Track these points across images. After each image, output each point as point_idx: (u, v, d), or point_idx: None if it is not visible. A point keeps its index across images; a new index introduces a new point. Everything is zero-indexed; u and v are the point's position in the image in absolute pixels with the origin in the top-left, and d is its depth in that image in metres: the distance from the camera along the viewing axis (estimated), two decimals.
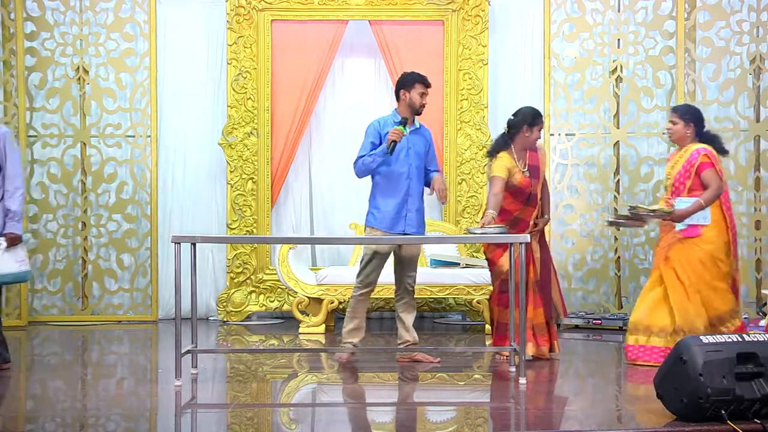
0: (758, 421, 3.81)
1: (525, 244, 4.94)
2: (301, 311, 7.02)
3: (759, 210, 7.33)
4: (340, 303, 6.98)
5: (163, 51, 7.75)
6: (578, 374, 5.49)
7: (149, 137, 7.63)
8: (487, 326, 6.61)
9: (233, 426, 4.12)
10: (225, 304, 7.55)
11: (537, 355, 5.50)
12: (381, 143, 5.41)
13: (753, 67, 7.34)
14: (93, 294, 7.68)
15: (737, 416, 3.81)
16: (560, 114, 7.53)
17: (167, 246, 7.43)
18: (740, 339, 3.92)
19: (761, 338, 3.96)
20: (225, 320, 7.53)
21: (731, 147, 7.34)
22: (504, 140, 5.60)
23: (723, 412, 3.77)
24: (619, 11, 7.53)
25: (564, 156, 7.56)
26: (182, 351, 4.89)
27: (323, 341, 6.61)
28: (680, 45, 7.34)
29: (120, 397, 4.73)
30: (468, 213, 7.55)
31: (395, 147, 5.34)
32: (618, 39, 7.52)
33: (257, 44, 7.57)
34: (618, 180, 7.55)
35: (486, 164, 5.89)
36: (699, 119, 5.45)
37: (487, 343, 6.30)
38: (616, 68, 7.49)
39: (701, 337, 3.94)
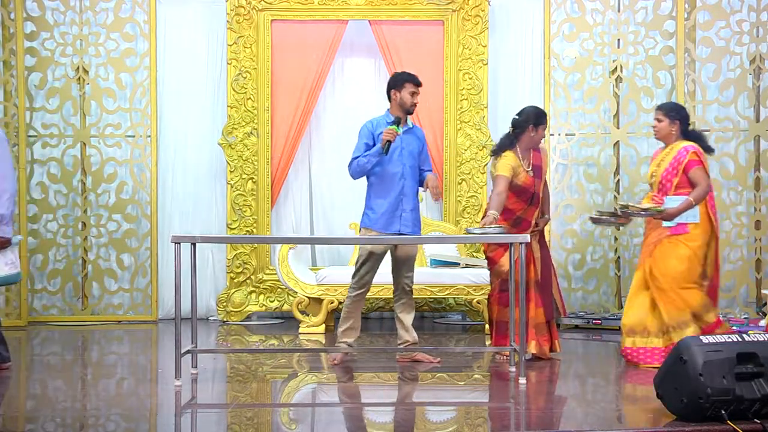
0: (758, 421, 3.81)
1: (525, 244, 4.95)
2: (301, 311, 7.03)
3: (759, 210, 7.32)
4: (340, 303, 6.95)
5: (163, 51, 7.75)
6: (578, 374, 5.48)
7: (149, 137, 7.63)
8: (487, 326, 6.60)
9: (233, 426, 4.12)
10: (225, 304, 7.55)
11: (538, 354, 5.50)
12: (375, 144, 5.41)
13: (753, 67, 7.34)
14: (93, 294, 7.69)
15: (737, 416, 3.81)
16: (560, 114, 7.52)
17: (167, 246, 7.42)
18: (740, 339, 3.92)
19: (761, 338, 3.96)
20: (225, 320, 7.53)
21: (731, 147, 7.36)
22: (509, 140, 5.61)
23: (723, 412, 3.77)
24: (619, 11, 7.52)
25: (564, 156, 7.56)
26: (182, 351, 4.90)
27: (323, 341, 6.61)
28: (680, 45, 7.34)
29: (120, 397, 4.73)
30: (468, 213, 7.55)
31: (390, 147, 5.35)
32: (618, 39, 7.52)
33: (257, 44, 7.57)
34: (618, 180, 7.54)
35: (487, 163, 5.89)
36: (684, 117, 5.47)
37: (487, 343, 6.31)
38: (616, 68, 7.49)
39: (701, 337, 3.94)
